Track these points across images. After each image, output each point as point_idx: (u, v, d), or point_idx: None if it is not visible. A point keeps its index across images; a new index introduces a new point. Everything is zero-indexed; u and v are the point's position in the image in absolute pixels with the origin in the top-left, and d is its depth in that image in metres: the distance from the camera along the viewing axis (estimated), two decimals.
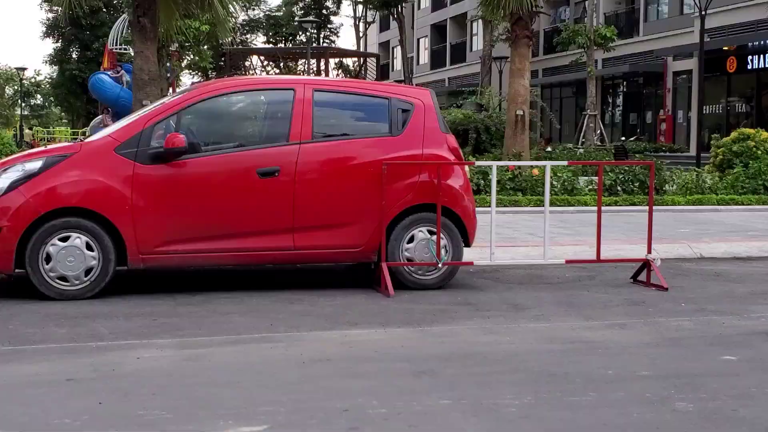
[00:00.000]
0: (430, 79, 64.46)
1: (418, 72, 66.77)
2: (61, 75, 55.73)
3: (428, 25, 66.03)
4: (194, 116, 8.13)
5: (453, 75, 60.71)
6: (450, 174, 8.53)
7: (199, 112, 8.16)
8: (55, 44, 56.54)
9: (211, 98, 8.19)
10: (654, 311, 7.50)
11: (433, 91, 8.85)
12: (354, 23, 58.36)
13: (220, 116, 8.39)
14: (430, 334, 6.58)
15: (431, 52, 65.72)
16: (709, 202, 15.77)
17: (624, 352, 6.08)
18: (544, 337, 6.50)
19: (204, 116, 8.23)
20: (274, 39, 64.90)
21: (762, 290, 8.53)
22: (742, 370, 5.62)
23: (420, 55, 68.92)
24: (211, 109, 8.25)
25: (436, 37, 64.98)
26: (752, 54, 34.22)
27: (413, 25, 68.93)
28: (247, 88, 8.46)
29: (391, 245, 8.32)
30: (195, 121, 8.13)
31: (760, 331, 6.74)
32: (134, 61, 16.45)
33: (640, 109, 45.37)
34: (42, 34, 55.96)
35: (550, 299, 8.02)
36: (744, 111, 35.44)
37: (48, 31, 55.66)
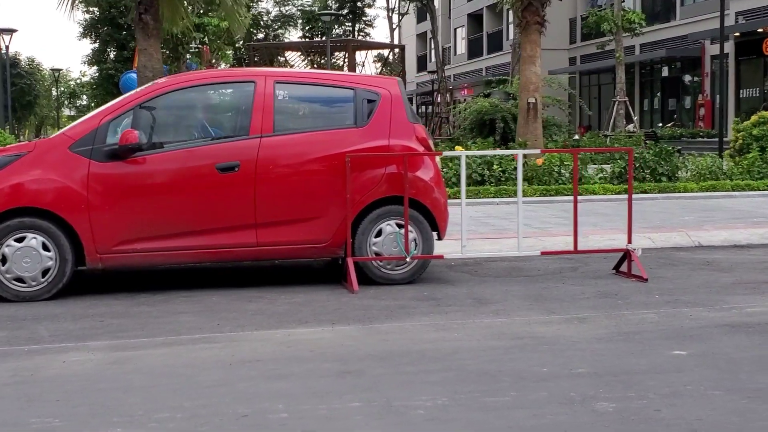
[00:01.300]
0: (468, 69, 64.05)
1: (456, 62, 66.36)
2: (99, 75, 56.09)
3: (464, 15, 65.53)
4: (152, 112, 7.97)
5: (490, 64, 60.19)
6: (419, 165, 8.29)
7: (158, 107, 8.01)
8: (93, 45, 56.87)
9: (169, 93, 8.02)
10: (623, 304, 7.21)
11: (400, 80, 8.60)
12: (387, 15, 57.93)
13: (178, 111, 8.22)
14: (377, 332, 6.36)
15: (468, 41, 65.21)
16: (723, 188, 15.33)
17: (571, 347, 5.81)
18: (495, 333, 6.25)
19: (162, 111, 8.08)
20: (310, 33, 64.82)
21: (748, 279, 8.19)
22: (686, 365, 5.33)
23: (457, 45, 68.46)
24: (170, 104, 8.09)
25: (473, 27, 64.48)
26: None
27: (450, 15, 68.48)
28: (206, 82, 8.27)
29: (358, 239, 8.10)
30: (153, 116, 7.98)
31: (725, 323, 6.42)
32: (138, 58, 16.41)
33: (678, 95, 44.57)
34: (79, 35, 56.28)
35: (520, 293, 7.76)
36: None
37: (85, 32, 55.97)
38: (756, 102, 35.76)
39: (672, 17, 43.34)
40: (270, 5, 60.88)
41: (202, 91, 8.23)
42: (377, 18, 64.84)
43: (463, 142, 26.24)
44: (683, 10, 43.12)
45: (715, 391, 4.78)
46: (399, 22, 58.14)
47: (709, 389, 4.81)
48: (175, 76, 8.47)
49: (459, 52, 68.14)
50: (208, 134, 8.09)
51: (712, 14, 38.31)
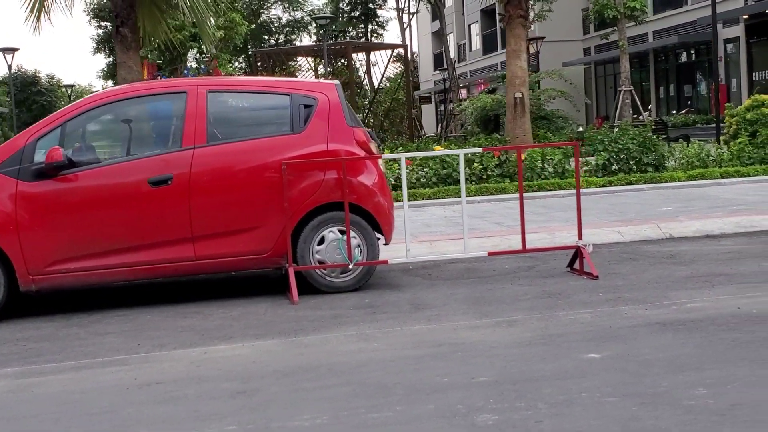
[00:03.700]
0: (483, 65, 63.64)
1: (471, 58, 66.00)
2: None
3: (478, 11, 65.11)
4: (81, 127, 7.85)
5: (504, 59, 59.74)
6: (361, 170, 8.10)
7: (87, 122, 7.88)
8: (107, 59, 57.20)
9: (98, 107, 7.88)
10: (562, 304, 6.99)
11: (338, 84, 8.41)
12: (397, 14, 57.69)
13: (109, 125, 8.10)
14: (297, 345, 6.18)
15: (482, 37, 64.81)
16: (711, 176, 15.01)
17: (485, 354, 5.61)
18: (416, 342, 6.06)
19: (92, 126, 7.95)
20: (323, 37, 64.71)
21: (704, 272, 7.94)
22: (593, 370, 5.11)
23: (472, 41, 68.07)
24: (99, 119, 7.96)
25: (486, 22, 64.07)
26: None
27: (463, 11, 68.14)
28: (137, 95, 8.10)
29: (300, 248, 7.93)
30: (82, 132, 7.86)
31: (657, 321, 6.19)
32: (118, 71, 16.30)
33: (694, 81, 44.00)
34: (93, 50, 56.61)
35: (463, 296, 7.56)
36: None
37: (98, 47, 56.31)
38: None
39: (684, 2, 42.78)
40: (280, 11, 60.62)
41: (133, 104, 8.08)
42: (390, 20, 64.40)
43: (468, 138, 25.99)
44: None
45: (609, 397, 4.56)
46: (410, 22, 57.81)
47: (605, 396, 4.59)
48: (106, 90, 8.32)
49: (474, 48, 67.75)
50: (139, 148, 7.93)
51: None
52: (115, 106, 7.99)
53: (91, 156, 7.79)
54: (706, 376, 4.82)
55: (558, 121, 28.80)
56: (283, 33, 60.48)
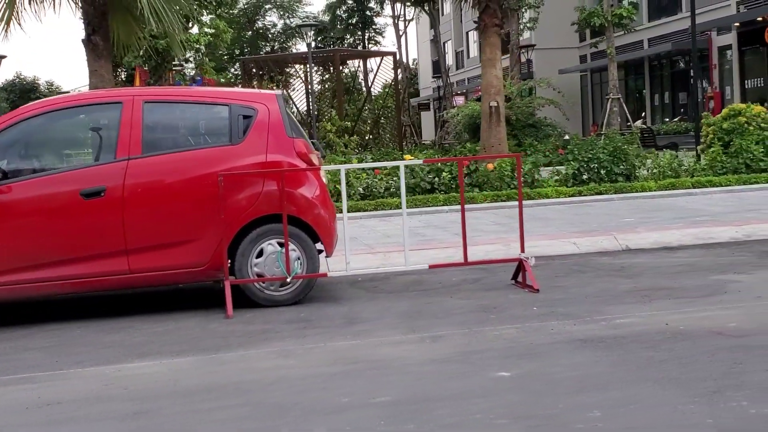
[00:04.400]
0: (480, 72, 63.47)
1: (469, 65, 65.92)
2: None
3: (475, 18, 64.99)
4: (13, 138, 7.73)
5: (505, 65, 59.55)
6: (301, 181, 7.99)
7: (20, 133, 7.76)
8: None
9: (32, 117, 7.77)
10: (494, 318, 6.88)
11: (280, 94, 8.30)
12: (393, 22, 57.67)
13: (42, 136, 7.98)
14: (214, 363, 6.07)
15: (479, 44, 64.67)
16: (682, 186, 14.86)
17: (398, 371, 5.50)
18: (334, 359, 5.95)
19: (25, 137, 7.83)
20: (322, 44, 64.75)
21: (646, 286, 7.82)
22: (498, 389, 5.00)
23: (469, 49, 68.02)
24: (33, 130, 7.84)
25: None
26: None
27: (461, 19, 68.07)
28: (71, 105, 7.99)
29: (238, 261, 7.82)
30: (14, 143, 7.74)
31: (581, 337, 6.08)
32: (89, 80, 16.19)
33: (688, 88, 43.84)
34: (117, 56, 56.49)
35: (401, 309, 7.45)
36: None
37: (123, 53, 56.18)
38: (762, 92, 35.05)
39: (678, 10, 42.65)
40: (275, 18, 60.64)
41: (68, 115, 7.97)
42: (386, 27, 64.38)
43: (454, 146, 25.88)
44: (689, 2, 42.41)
45: (501, 419, 4.45)
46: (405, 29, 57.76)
47: (498, 417, 4.48)
48: (42, 100, 8.21)
49: (472, 55, 67.65)
50: (73, 159, 7.83)
51: (715, 5, 37.65)
52: (50, 117, 7.88)
53: (25, 167, 7.69)
54: (607, 397, 4.70)
55: (546, 129, 28.63)
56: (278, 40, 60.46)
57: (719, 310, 6.67)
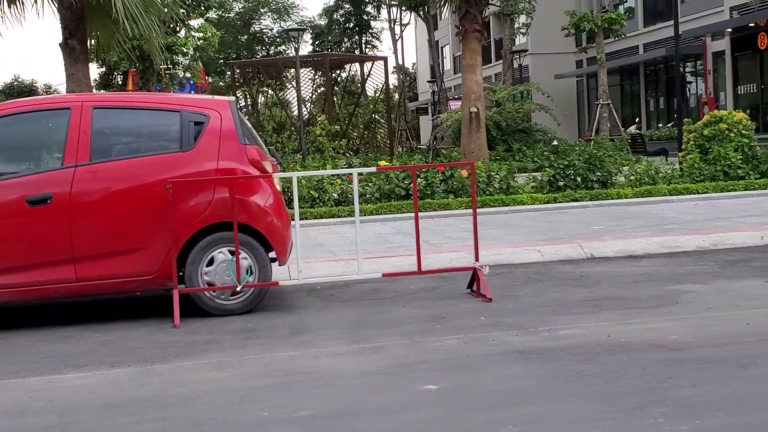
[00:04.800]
0: None
1: None
2: None
3: None
4: None
5: (498, 71, 59.49)
6: (253, 189, 7.90)
7: None
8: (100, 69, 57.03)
9: None
10: (440, 329, 6.79)
11: (233, 101, 8.21)
12: (389, 26, 57.53)
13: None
14: (146, 375, 5.97)
15: None
16: (659, 193, 14.76)
17: (328, 384, 5.42)
18: (268, 371, 5.86)
19: None
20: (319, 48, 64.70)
21: (600, 296, 7.73)
22: (421, 403, 4.92)
23: None
24: None
25: None
26: None
27: None
28: (18, 111, 7.89)
29: (188, 269, 7.73)
30: None
31: (519, 349, 5.99)
32: (66, 84, 16.12)
33: (683, 94, 43.70)
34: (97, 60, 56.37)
35: (350, 319, 7.36)
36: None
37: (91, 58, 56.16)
38: (754, 98, 34.94)
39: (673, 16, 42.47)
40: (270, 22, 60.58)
41: (15, 121, 7.86)
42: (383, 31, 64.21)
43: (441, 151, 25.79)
44: (684, 8, 42.30)
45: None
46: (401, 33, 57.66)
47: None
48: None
49: None
50: (20, 165, 7.74)
51: (709, 10, 37.56)
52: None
53: None
54: (526, 413, 4.61)
55: (536, 134, 28.54)
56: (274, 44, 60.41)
57: (665, 321, 6.58)
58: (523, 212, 13.95)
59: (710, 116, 16.58)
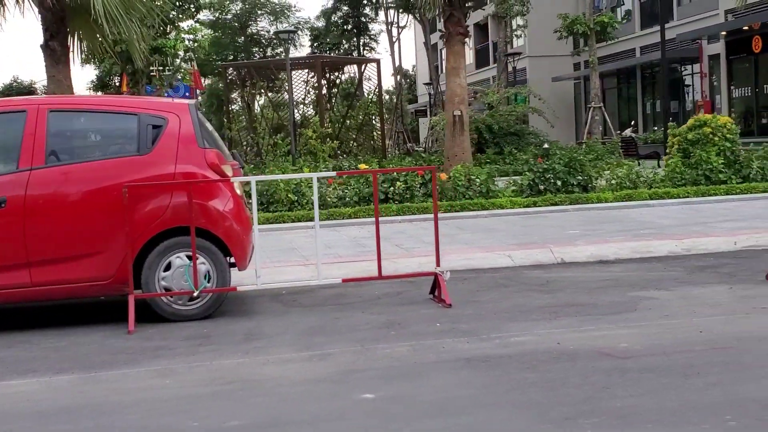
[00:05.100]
0: (477, 79, 63.35)
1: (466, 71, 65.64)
2: None
3: (471, 25, 64.88)
4: None
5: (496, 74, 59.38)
6: (212, 193, 7.82)
7: None
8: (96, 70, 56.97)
9: None
10: (394, 335, 6.71)
11: (192, 104, 8.13)
12: (387, 28, 57.45)
13: None
14: (89, 382, 5.90)
15: (475, 52, 64.58)
16: (639, 197, 14.66)
17: (268, 392, 5.35)
18: (213, 378, 5.79)
19: None
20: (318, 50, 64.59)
21: (562, 302, 7.65)
22: (355, 413, 4.85)
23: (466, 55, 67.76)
24: None
25: (479, 37, 63.84)
26: None
27: None
28: None
29: (145, 274, 7.65)
30: None
31: (467, 357, 5.93)
32: (47, 86, 16.05)
33: (680, 97, 43.65)
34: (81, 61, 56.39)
35: (307, 325, 7.28)
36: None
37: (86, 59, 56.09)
38: (749, 101, 34.85)
39: (670, 18, 42.43)
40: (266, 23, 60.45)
41: None
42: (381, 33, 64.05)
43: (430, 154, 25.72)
44: (680, 11, 42.25)
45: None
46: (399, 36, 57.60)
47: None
48: None
49: (468, 62, 67.44)
50: None
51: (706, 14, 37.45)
52: None
53: None
54: (458, 423, 4.54)
55: (528, 137, 28.48)
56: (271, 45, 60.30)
57: (619, 329, 6.50)
58: (503, 216, 13.87)
59: (695, 120, 16.48)
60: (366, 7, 62.56)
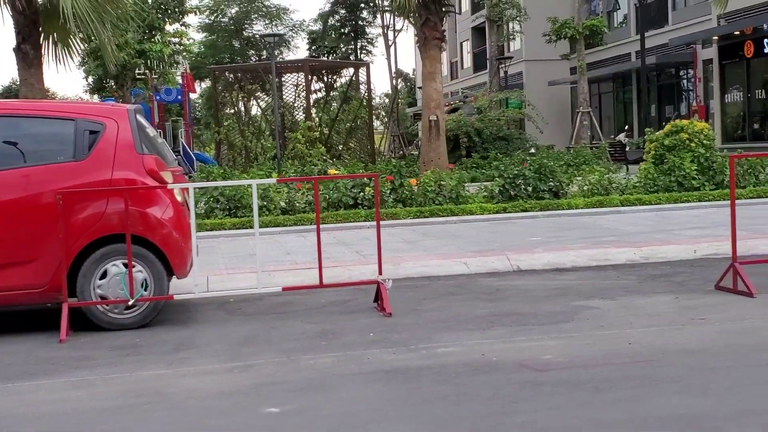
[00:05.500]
0: (474, 83, 63.22)
1: (463, 75, 65.70)
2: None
3: (469, 29, 64.90)
4: None
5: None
6: (150, 200, 7.70)
7: None
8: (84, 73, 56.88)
9: None
10: (325, 346, 6.59)
11: (132, 109, 8.00)
12: (383, 31, 57.36)
13: None
14: (4, 393, 5.78)
15: (473, 55, 64.53)
16: (610, 204, 14.52)
17: (176, 406, 5.24)
18: (124, 391, 5.67)
19: None
20: (316, 53, 64.52)
21: (503, 311, 7.54)
22: (256, 428, 4.73)
23: (464, 59, 67.80)
24: None
25: (478, 40, 63.78)
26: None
27: (456, 29, 67.92)
28: None
29: (80, 282, 7.53)
30: None
31: (387, 369, 5.81)
32: (20, 89, 15.95)
33: (674, 101, 43.52)
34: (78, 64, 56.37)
35: (240, 335, 7.15)
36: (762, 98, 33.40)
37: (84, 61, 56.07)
38: (741, 106, 34.69)
39: (665, 23, 42.33)
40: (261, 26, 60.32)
41: None
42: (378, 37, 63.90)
43: None
44: (675, 15, 42.12)
45: None
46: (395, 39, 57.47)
47: None
48: None
49: (466, 66, 67.46)
50: None
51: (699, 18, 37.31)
52: None
53: None
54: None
55: (516, 142, 28.35)
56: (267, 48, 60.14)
57: (550, 339, 6.36)
58: (472, 222, 13.74)
59: (672, 126, 16.33)
60: (363, 11, 62.51)
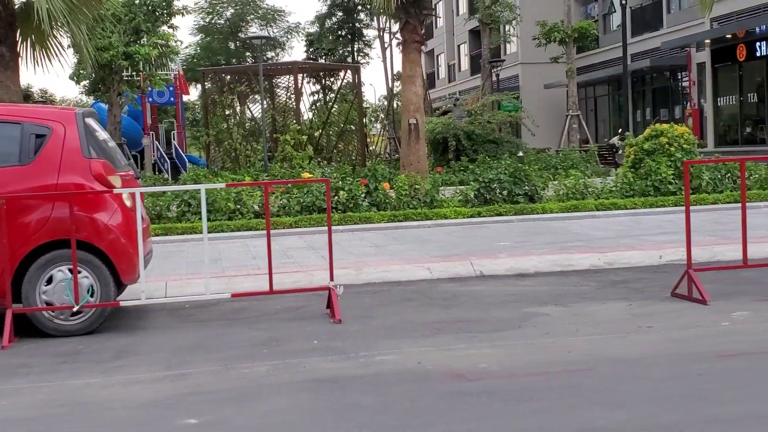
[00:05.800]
0: (471, 85, 63.12)
1: (460, 78, 65.61)
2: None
3: (466, 31, 64.83)
4: None
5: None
6: (96, 205, 7.60)
7: None
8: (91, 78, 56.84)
9: None
10: (266, 353, 6.50)
11: (80, 113, 7.90)
12: (378, 34, 57.21)
13: None
14: None
15: (470, 58, 64.44)
16: (585, 208, 14.40)
17: (98, 417, 5.16)
18: (48, 400, 5.58)
19: None
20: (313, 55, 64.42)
21: (453, 317, 7.45)
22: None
23: (461, 62, 67.73)
24: None
25: (474, 43, 63.65)
26: (760, 40, 32.10)
27: (453, 32, 67.87)
28: None
29: (25, 288, 7.43)
30: None
31: (319, 378, 5.73)
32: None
33: (669, 105, 43.41)
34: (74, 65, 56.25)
35: (185, 342, 7.06)
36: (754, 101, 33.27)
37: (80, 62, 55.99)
38: (734, 110, 34.57)
39: (660, 26, 42.22)
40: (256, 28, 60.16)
41: None
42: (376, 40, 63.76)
43: None
44: (669, 18, 42.01)
45: None
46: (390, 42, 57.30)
47: None
48: None
49: (463, 69, 67.39)
50: None
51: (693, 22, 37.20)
52: None
53: None
54: None
55: (506, 145, 28.25)
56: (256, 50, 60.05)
57: (490, 347, 6.26)
58: (445, 227, 13.63)
59: (651, 129, 16.21)
60: (360, 13, 62.35)
